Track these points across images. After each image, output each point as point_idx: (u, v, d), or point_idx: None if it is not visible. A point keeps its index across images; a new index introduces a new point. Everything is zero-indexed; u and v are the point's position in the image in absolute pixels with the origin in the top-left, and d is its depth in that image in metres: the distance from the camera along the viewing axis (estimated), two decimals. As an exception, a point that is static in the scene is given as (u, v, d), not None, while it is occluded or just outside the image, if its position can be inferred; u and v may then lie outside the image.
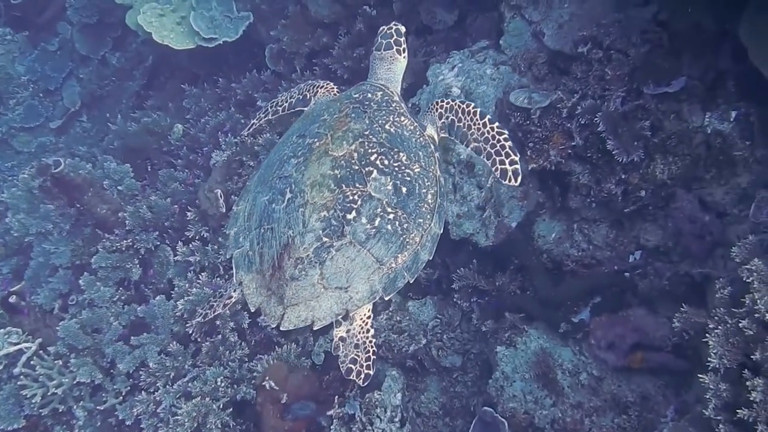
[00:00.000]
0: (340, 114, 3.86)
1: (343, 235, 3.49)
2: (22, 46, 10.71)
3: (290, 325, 3.51)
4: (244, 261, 3.74)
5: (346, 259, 3.50)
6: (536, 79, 5.60)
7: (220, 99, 8.05)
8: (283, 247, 3.52)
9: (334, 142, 3.69)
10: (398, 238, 3.58)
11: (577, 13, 5.44)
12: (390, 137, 3.75)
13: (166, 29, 7.83)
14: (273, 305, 3.57)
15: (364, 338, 3.71)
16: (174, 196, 7.10)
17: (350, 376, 3.65)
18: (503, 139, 3.88)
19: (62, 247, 7.17)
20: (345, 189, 3.54)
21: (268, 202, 3.70)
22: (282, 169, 3.76)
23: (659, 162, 4.96)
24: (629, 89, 5.01)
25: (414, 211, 3.65)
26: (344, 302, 3.53)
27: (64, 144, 9.92)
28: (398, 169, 3.66)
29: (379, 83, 4.23)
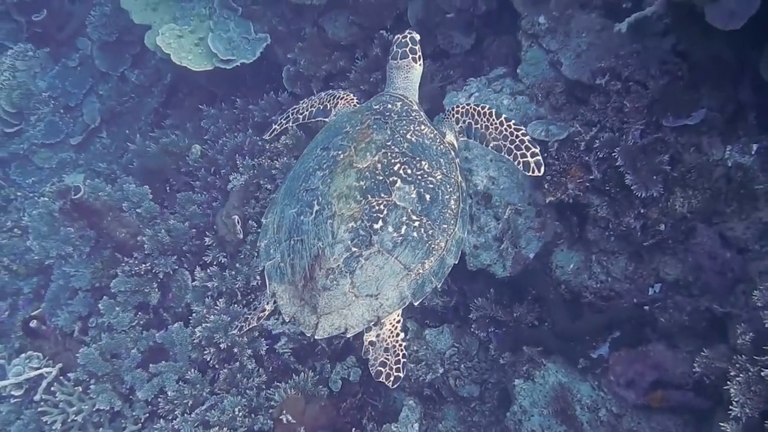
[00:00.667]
0: (362, 126, 3.94)
1: (371, 244, 3.57)
2: (43, 61, 10.79)
3: (324, 333, 3.60)
4: (276, 272, 3.83)
5: (375, 268, 3.57)
6: (554, 108, 5.55)
7: (238, 120, 8.06)
8: (313, 258, 3.60)
9: (358, 154, 3.77)
10: (424, 244, 3.66)
11: (595, 42, 5.38)
12: (412, 146, 3.84)
13: (184, 51, 7.84)
14: (307, 315, 3.65)
15: (394, 342, 3.78)
16: (192, 219, 7.12)
17: (380, 378, 3.71)
18: (521, 134, 4.01)
19: (82, 270, 7.22)
20: (371, 199, 3.62)
21: (296, 214, 3.78)
22: (308, 181, 3.83)
23: (679, 195, 4.90)
24: (648, 121, 4.96)
25: (438, 218, 3.73)
26: (375, 309, 3.61)
27: (84, 160, 9.98)
28: (421, 177, 3.74)
29: (398, 93, 4.31)
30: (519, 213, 5.44)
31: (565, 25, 5.54)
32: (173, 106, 9.44)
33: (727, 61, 4.79)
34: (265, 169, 7.02)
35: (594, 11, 5.44)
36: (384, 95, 4.31)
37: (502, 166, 5.49)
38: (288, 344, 6.25)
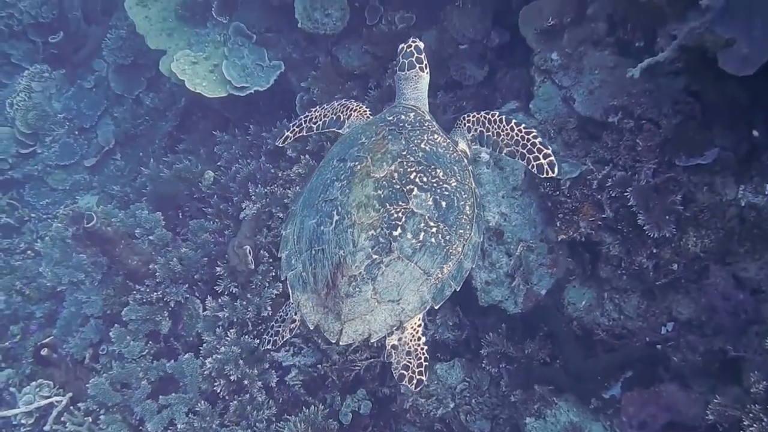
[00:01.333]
0: (377, 137, 4.04)
1: (391, 251, 3.64)
2: (59, 83, 10.88)
3: (348, 339, 3.67)
4: (298, 282, 3.90)
5: (395, 274, 3.65)
6: (566, 144, 5.55)
7: (251, 146, 8.08)
8: (335, 267, 3.67)
9: (374, 164, 3.85)
10: (442, 249, 3.75)
11: (608, 80, 5.38)
12: (426, 155, 3.93)
13: (198, 77, 7.89)
14: (331, 322, 3.72)
15: (416, 345, 3.83)
16: (204, 247, 7.13)
17: (403, 381, 3.76)
18: (532, 137, 4.10)
19: (94, 297, 7.26)
20: (389, 207, 3.71)
21: (316, 224, 3.85)
22: (327, 192, 3.91)
23: (692, 235, 4.88)
24: (661, 160, 4.96)
25: (454, 223, 3.81)
26: (397, 314, 3.68)
27: (97, 183, 10.03)
28: (436, 185, 3.83)
29: (410, 104, 4.43)
30: (531, 249, 5.43)
31: (577, 61, 5.54)
32: (187, 129, 9.48)
33: (740, 101, 4.77)
34: (277, 198, 7.03)
35: (606, 49, 5.44)
36: (397, 107, 4.43)
37: (514, 203, 5.48)
38: (298, 376, 6.24)
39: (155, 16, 8.71)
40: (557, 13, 5.60)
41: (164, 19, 8.67)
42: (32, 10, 10.99)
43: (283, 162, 7.58)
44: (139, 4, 8.83)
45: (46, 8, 11.00)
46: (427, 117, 4.32)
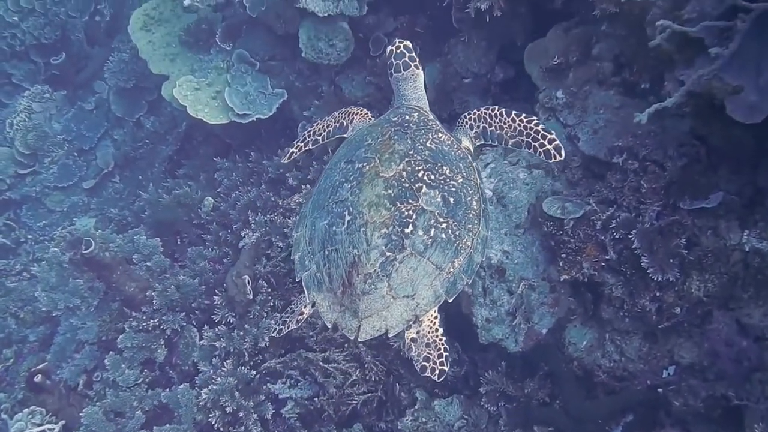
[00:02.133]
0: (383, 137, 4.10)
1: (404, 248, 3.72)
2: (60, 104, 10.88)
3: (367, 335, 3.73)
4: (313, 282, 3.95)
5: (409, 270, 3.72)
6: (570, 183, 5.54)
7: (252, 173, 8.06)
8: (350, 266, 3.74)
9: (383, 164, 3.93)
10: (452, 244, 3.81)
11: (613, 120, 5.38)
12: (432, 153, 4.00)
13: (200, 103, 7.88)
14: (348, 319, 3.78)
15: (434, 337, 3.90)
16: (202, 275, 7.09)
17: (425, 373, 3.81)
18: (534, 124, 4.17)
19: (89, 323, 7.21)
20: (399, 206, 3.78)
21: (327, 225, 3.91)
22: (337, 194, 3.97)
23: (695, 279, 4.85)
24: (665, 203, 4.93)
25: (463, 218, 3.89)
26: (413, 309, 3.75)
27: (95, 205, 10.00)
28: (444, 182, 3.90)
29: (412, 104, 4.51)
30: (533, 288, 5.39)
31: (582, 100, 5.55)
32: (187, 154, 9.46)
33: (746, 146, 4.75)
34: (277, 226, 6.99)
35: (612, 88, 5.44)
36: (400, 108, 4.50)
37: (517, 240, 5.45)
38: (294, 409, 6.17)
39: (159, 41, 8.73)
40: (563, 52, 5.61)
41: (168, 44, 8.68)
42: (35, 31, 11.04)
43: (284, 190, 7.56)
44: (143, 29, 8.86)
45: (48, 29, 11.04)
46: (430, 116, 4.44)
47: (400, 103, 4.59)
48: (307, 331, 6.42)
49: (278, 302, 6.66)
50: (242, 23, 8.02)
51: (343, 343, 6.28)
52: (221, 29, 8.11)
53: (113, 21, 11.45)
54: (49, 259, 7.50)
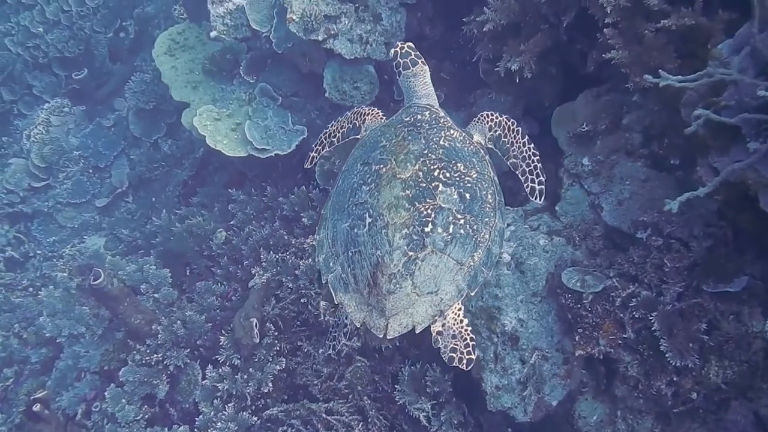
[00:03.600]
0: (397, 138, 4.25)
1: (425, 246, 3.87)
2: (78, 119, 10.87)
3: (394, 333, 3.89)
4: (339, 284, 4.11)
5: (431, 267, 3.88)
6: (590, 252, 5.42)
7: (266, 208, 7.96)
8: (374, 266, 3.88)
9: (399, 165, 4.07)
10: (471, 239, 3.98)
11: (638, 192, 5.27)
12: (446, 151, 4.17)
13: (220, 134, 7.80)
14: (376, 318, 3.93)
15: (460, 328, 4.07)
16: (209, 311, 6.99)
17: (453, 363, 3.99)
18: (536, 160, 4.60)
19: (92, 351, 7.13)
20: (418, 206, 3.93)
21: (349, 227, 4.06)
22: (356, 196, 4.11)
23: (714, 364, 4.71)
24: (688, 284, 4.81)
25: (479, 213, 4.05)
26: (437, 304, 3.92)
27: (107, 224, 9.94)
28: (459, 179, 4.07)
29: (423, 102, 4.68)
30: (546, 359, 5.27)
31: (608, 169, 5.44)
32: (203, 179, 9.40)
33: (775, 230, 4.65)
34: (288, 267, 6.89)
35: (639, 160, 5.34)
36: (411, 107, 4.64)
37: (533, 309, 5.34)
38: (292, 459, 6.06)
39: (182, 67, 8.69)
40: (591, 119, 5.52)
41: (191, 71, 8.64)
42: (59, 44, 11.09)
43: (297, 229, 7.46)
44: (167, 53, 8.84)
45: (72, 43, 11.08)
46: (441, 114, 4.57)
47: (411, 101, 4.73)
48: (312, 379, 6.32)
49: (284, 346, 6.56)
50: (267, 57, 7.97)
51: (348, 393, 6.18)
52: (246, 61, 8.06)
53: (137, 38, 11.49)
54: (56, 283, 7.41)
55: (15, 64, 11.31)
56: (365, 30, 6.99)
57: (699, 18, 4.64)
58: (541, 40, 5.55)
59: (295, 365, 6.49)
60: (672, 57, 4.78)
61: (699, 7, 4.64)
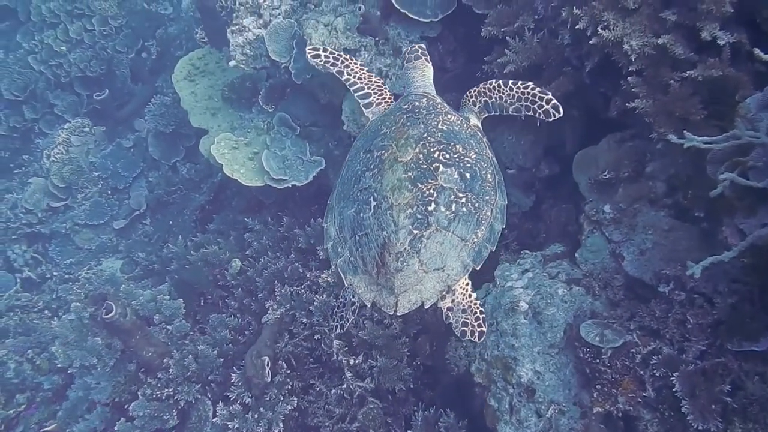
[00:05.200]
0: (397, 125, 4.47)
1: (429, 225, 4.06)
2: (98, 139, 10.88)
3: (404, 309, 4.07)
4: (348, 267, 4.31)
5: (436, 244, 4.06)
6: (611, 302, 5.27)
7: (283, 239, 7.87)
8: (381, 247, 4.08)
9: (400, 150, 4.28)
10: (473, 216, 4.18)
11: (661, 243, 5.12)
12: (444, 134, 4.38)
13: (237, 163, 7.74)
14: (385, 297, 4.12)
15: (469, 302, 4.30)
16: (222, 345, 6.91)
17: (465, 337, 4.26)
18: (531, 89, 4.76)
19: (104, 383, 7.06)
20: (420, 186, 4.12)
21: (355, 213, 4.26)
22: (360, 182, 4.32)
23: (738, 427, 4.53)
24: (711, 342, 4.65)
25: (480, 191, 4.25)
26: (444, 280, 4.11)
27: (124, 247, 9.90)
28: (458, 159, 4.26)
29: (420, 91, 4.96)
30: (562, 412, 5.11)
31: (630, 218, 5.29)
32: (220, 203, 9.36)
33: (803, 290, 4.48)
34: (303, 301, 6.80)
35: (663, 210, 5.18)
36: (409, 95, 4.91)
37: (550, 360, 5.19)
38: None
39: (201, 93, 8.68)
40: (614, 166, 5.37)
41: (210, 97, 8.61)
42: (81, 63, 11.13)
43: (313, 261, 7.36)
44: (187, 79, 8.83)
45: (95, 62, 11.13)
46: (438, 100, 4.80)
47: (409, 90, 5.02)
48: (324, 420, 6.22)
49: (297, 384, 6.46)
50: (286, 86, 7.90)
51: (360, 437, 6.09)
52: (265, 90, 7.99)
53: (159, 59, 11.50)
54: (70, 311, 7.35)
55: (38, 82, 11.36)
56: (385, 64, 6.90)
57: (726, 69, 4.52)
58: (564, 83, 5.42)
59: (306, 404, 6.39)
60: (698, 108, 4.64)
61: (726, 57, 4.52)
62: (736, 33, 4.55)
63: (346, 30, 6.89)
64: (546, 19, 5.76)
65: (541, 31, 5.67)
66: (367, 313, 6.43)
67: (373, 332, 6.25)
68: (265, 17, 7.62)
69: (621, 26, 4.84)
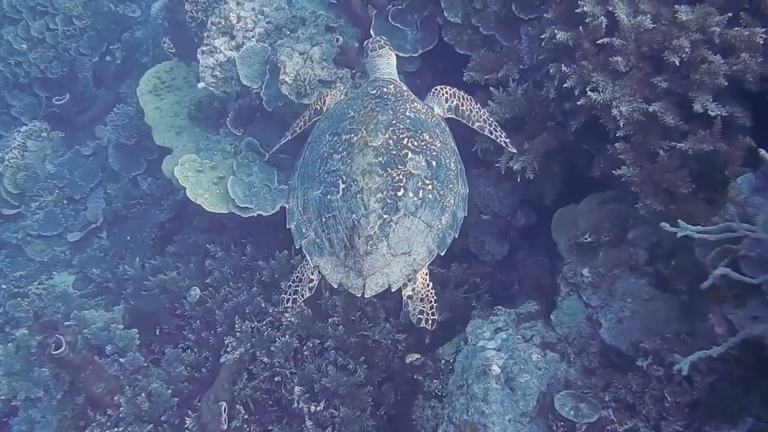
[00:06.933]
0: (365, 110, 4.51)
1: (398, 209, 4.13)
2: (56, 144, 10.43)
3: (371, 291, 4.15)
4: (314, 248, 4.35)
5: (404, 229, 4.15)
6: (586, 370, 5.10)
7: (245, 269, 7.55)
8: (350, 230, 4.13)
9: (369, 134, 4.32)
10: (438, 203, 4.26)
11: (640, 312, 4.96)
12: (412, 122, 4.45)
13: (201, 187, 7.41)
14: (353, 279, 4.19)
15: (427, 292, 4.36)
16: (177, 382, 6.59)
17: (420, 324, 4.33)
18: (494, 120, 5.11)
19: (49, 416, 6.70)
20: (390, 171, 4.18)
21: (321, 194, 4.30)
22: (327, 164, 4.36)
23: None
24: (689, 423, 4.50)
25: (444, 179, 4.34)
26: (410, 264, 4.20)
27: (78, 261, 9.44)
28: (425, 147, 4.35)
29: (386, 78, 5.01)
30: (532, 483, 4.94)
31: (609, 283, 5.13)
32: (181, 222, 9.03)
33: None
34: (264, 339, 6.53)
35: (644, 278, 5.02)
36: (376, 81, 4.96)
37: (521, 429, 4.99)
38: None
39: (167, 110, 8.36)
40: (594, 228, 5.21)
41: (175, 114, 8.29)
42: (41, 64, 10.70)
43: (276, 295, 7.06)
44: (153, 93, 8.52)
45: (56, 64, 10.70)
46: (404, 88, 4.89)
47: (375, 76, 5.06)
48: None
49: (255, 429, 6.19)
50: (256, 111, 7.59)
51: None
52: (233, 113, 7.67)
53: (123, 64, 11.10)
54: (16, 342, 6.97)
55: (-6, 80, 10.87)
56: (361, 97, 6.65)
57: (717, 143, 4.36)
58: (547, 140, 5.25)
59: (264, 452, 6.12)
60: (686, 181, 4.49)
61: (717, 130, 4.36)
62: (729, 106, 4.41)
63: (323, 60, 6.64)
64: (531, 70, 5.60)
65: (526, 83, 5.49)
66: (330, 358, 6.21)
67: (337, 379, 6.01)
68: (237, 39, 7.32)
69: (610, 89, 4.68)
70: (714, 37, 4.38)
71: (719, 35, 4.37)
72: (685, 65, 4.47)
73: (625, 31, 4.63)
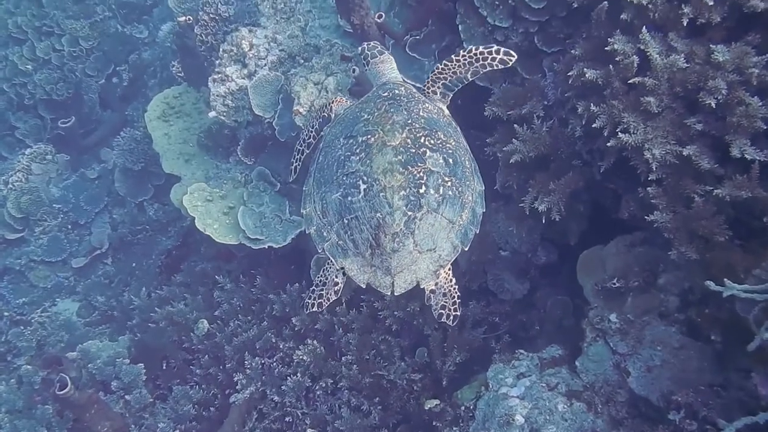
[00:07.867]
0: (379, 111, 4.50)
1: (421, 206, 4.13)
2: (61, 167, 10.28)
3: (401, 289, 4.18)
4: (337, 250, 4.32)
5: (428, 226, 4.15)
6: (613, 420, 4.89)
7: (255, 301, 7.34)
8: (375, 228, 4.12)
9: (387, 134, 4.31)
10: (458, 200, 4.27)
11: (670, 361, 4.74)
12: (426, 121, 4.46)
13: (211, 217, 7.23)
14: (381, 277, 4.19)
15: (450, 287, 4.36)
16: (184, 422, 6.39)
17: (442, 319, 4.33)
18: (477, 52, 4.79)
19: (52, 456, 6.48)
20: (411, 169, 4.18)
21: (341, 197, 4.26)
22: (345, 167, 4.32)
23: None
24: (724, 482, 4.28)
25: (462, 176, 4.35)
26: (436, 260, 4.22)
27: (82, 288, 9.27)
28: (441, 145, 4.36)
29: (395, 81, 4.99)
30: None
31: (638, 330, 4.92)
32: (188, 249, 8.82)
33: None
34: (274, 377, 6.35)
35: (674, 325, 4.82)
36: (386, 84, 4.92)
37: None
38: None
39: (176, 136, 8.20)
40: (623, 273, 5.01)
41: (185, 141, 8.13)
42: (47, 85, 10.56)
43: (287, 330, 6.86)
44: (161, 119, 8.35)
45: (62, 85, 10.58)
46: (414, 89, 4.86)
47: (382, 81, 5.02)
48: None
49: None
50: (267, 140, 7.43)
51: None
52: (244, 141, 7.51)
53: (130, 86, 10.95)
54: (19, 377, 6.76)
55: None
56: (377, 129, 6.47)
57: (756, 190, 4.16)
58: (573, 180, 5.05)
59: (274, 497, 5.92)
60: (723, 228, 4.29)
61: (755, 176, 4.17)
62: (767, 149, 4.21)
63: (338, 91, 6.47)
64: (555, 106, 5.42)
65: (551, 120, 5.30)
66: (344, 398, 6.02)
67: (351, 421, 5.82)
68: (250, 67, 7.16)
69: (642, 130, 4.49)
70: (752, 79, 4.19)
71: (757, 77, 4.18)
72: (721, 107, 4.28)
73: (658, 70, 4.45)
